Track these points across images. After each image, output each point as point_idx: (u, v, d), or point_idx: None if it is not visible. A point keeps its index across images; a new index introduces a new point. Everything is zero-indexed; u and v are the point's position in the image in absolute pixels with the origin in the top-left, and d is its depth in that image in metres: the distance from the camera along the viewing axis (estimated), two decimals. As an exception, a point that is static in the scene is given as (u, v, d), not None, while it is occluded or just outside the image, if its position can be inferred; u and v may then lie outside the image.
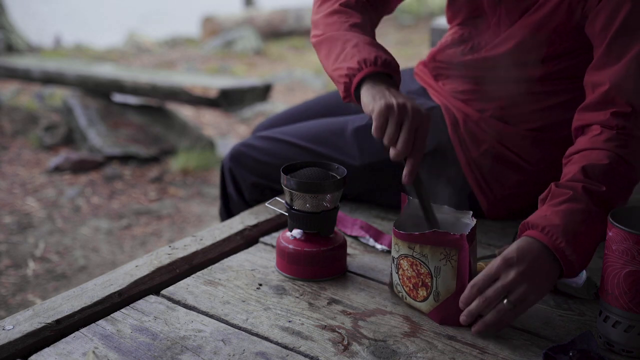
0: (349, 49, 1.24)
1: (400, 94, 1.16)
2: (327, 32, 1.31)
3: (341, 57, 1.24)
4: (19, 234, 2.90)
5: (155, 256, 1.23)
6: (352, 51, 1.23)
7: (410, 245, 1.05)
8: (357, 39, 1.25)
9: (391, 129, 1.12)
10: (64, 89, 4.52)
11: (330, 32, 1.30)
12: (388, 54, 1.23)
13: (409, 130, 1.11)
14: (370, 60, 1.19)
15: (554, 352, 0.96)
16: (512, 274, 0.99)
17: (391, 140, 1.12)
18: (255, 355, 0.96)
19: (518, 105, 1.36)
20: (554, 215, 1.03)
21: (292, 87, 5.84)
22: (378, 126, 1.13)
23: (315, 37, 1.34)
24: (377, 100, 1.14)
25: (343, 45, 1.25)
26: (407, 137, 1.11)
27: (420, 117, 1.13)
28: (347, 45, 1.25)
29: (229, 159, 1.55)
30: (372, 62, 1.19)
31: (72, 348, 0.97)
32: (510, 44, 1.31)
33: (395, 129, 1.12)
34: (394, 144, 1.12)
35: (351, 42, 1.25)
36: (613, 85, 1.13)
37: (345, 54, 1.24)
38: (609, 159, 1.09)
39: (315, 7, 1.40)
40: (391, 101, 1.12)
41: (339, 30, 1.29)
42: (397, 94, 1.16)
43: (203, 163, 3.75)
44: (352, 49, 1.23)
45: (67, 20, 9.67)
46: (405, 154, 1.12)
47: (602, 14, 1.17)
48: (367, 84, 1.19)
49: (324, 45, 1.31)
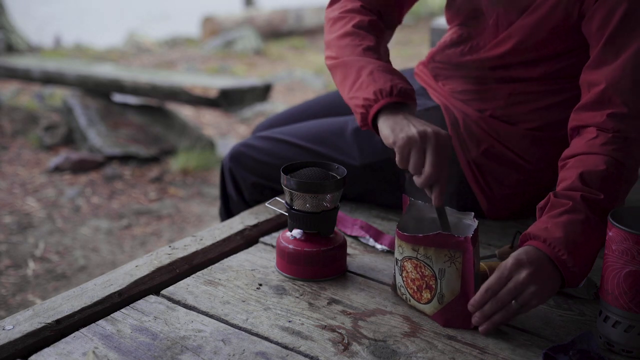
0: (364, 77, 1.22)
1: (418, 121, 1.16)
2: (341, 56, 1.29)
3: (356, 86, 1.23)
4: (19, 234, 2.90)
5: (155, 256, 1.23)
6: (368, 80, 1.21)
7: (414, 247, 1.05)
8: (371, 65, 1.24)
9: (415, 158, 1.11)
10: (64, 89, 4.52)
11: (344, 56, 1.29)
12: (402, 80, 1.22)
13: (434, 155, 1.11)
14: (387, 91, 1.18)
15: (554, 352, 0.96)
16: (523, 274, 1.00)
17: (417, 169, 1.12)
18: (255, 355, 0.96)
19: (517, 104, 1.36)
20: (555, 227, 1.03)
21: (292, 87, 5.84)
22: (402, 158, 1.13)
23: (329, 59, 1.33)
24: (397, 132, 1.14)
25: (358, 72, 1.24)
26: (433, 161, 1.10)
27: (442, 139, 1.12)
28: (362, 72, 1.23)
29: (229, 159, 1.55)
30: (388, 93, 1.18)
31: (72, 348, 0.97)
32: (509, 45, 1.31)
33: (419, 158, 1.11)
34: (419, 172, 1.12)
35: (366, 69, 1.24)
36: (609, 85, 1.13)
37: (360, 82, 1.23)
38: (606, 164, 1.09)
39: (328, 27, 1.38)
40: (412, 131, 1.12)
41: (353, 55, 1.28)
42: (416, 121, 1.15)
43: (203, 163, 3.75)
44: (367, 78, 1.22)
45: (67, 20, 9.68)
46: (434, 177, 1.11)
47: (598, 13, 1.17)
48: (384, 115, 1.18)
49: (339, 71, 1.30)
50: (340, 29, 1.34)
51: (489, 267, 1.15)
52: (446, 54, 1.45)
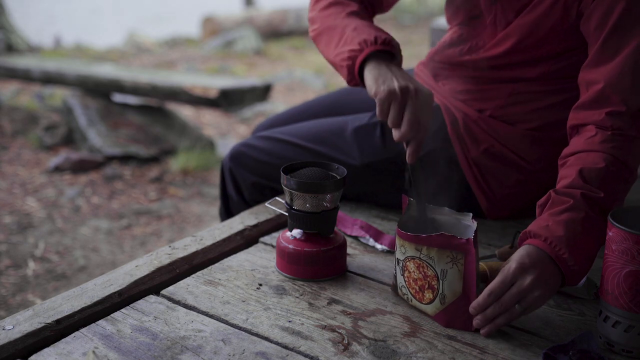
0: (348, 32, 1.25)
1: (403, 74, 1.17)
2: (326, 23, 1.32)
3: (342, 42, 1.25)
4: (19, 234, 2.90)
5: (155, 256, 1.23)
6: (352, 34, 1.24)
7: (417, 247, 1.05)
8: (355, 23, 1.27)
9: (394, 112, 1.13)
10: (64, 89, 4.52)
11: (329, 22, 1.31)
12: (388, 34, 1.23)
13: (412, 112, 1.12)
14: (371, 40, 1.20)
15: (554, 352, 0.96)
16: (528, 280, 1.00)
17: (394, 123, 1.14)
18: (255, 355, 0.96)
19: (517, 104, 1.36)
20: (556, 225, 1.03)
21: (292, 87, 5.84)
22: (381, 110, 1.15)
23: (313, 31, 1.36)
24: (379, 83, 1.15)
25: (342, 30, 1.27)
26: (410, 119, 1.12)
27: (424, 97, 1.14)
28: (347, 29, 1.26)
29: (229, 159, 1.55)
30: (373, 42, 1.20)
31: (72, 348, 0.97)
32: (508, 44, 1.31)
33: (398, 112, 1.13)
34: (397, 126, 1.14)
35: (350, 26, 1.26)
36: (607, 83, 1.13)
37: (345, 38, 1.25)
38: (605, 162, 1.09)
39: (312, 5, 1.41)
40: (393, 85, 1.13)
41: (337, 19, 1.30)
42: (400, 74, 1.17)
43: (203, 163, 3.75)
44: (351, 32, 1.24)
45: (67, 20, 9.67)
46: (410, 134, 1.13)
47: (596, 12, 1.17)
48: (370, 65, 1.20)
49: (324, 36, 1.32)
50: (323, 3, 1.36)
51: (489, 267, 1.15)
52: (446, 53, 1.45)
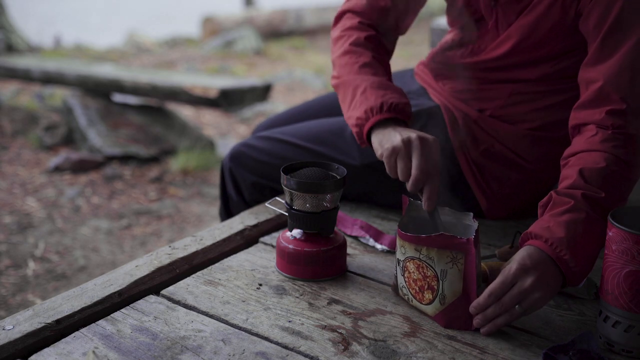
0: (358, 96, 1.27)
1: (406, 130, 1.18)
2: (341, 76, 1.34)
3: (352, 105, 1.27)
4: (19, 234, 2.90)
5: (155, 256, 1.23)
6: (361, 99, 1.25)
7: (417, 247, 1.05)
8: (365, 83, 1.28)
9: (401, 165, 1.15)
10: (64, 89, 4.52)
11: (343, 75, 1.33)
12: (395, 95, 1.24)
13: (419, 159, 1.13)
14: (377, 108, 1.22)
15: (554, 352, 0.96)
16: (529, 281, 1.00)
17: (405, 175, 1.15)
18: (255, 355, 0.96)
19: (517, 105, 1.37)
20: (557, 226, 1.03)
21: (292, 87, 5.84)
22: (390, 168, 1.17)
23: (333, 78, 1.38)
24: (383, 143, 1.18)
25: (353, 92, 1.28)
26: (418, 164, 1.13)
27: (427, 143, 1.15)
28: (357, 92, 1.27)
29: (228, 159, 1.55)
30: (378, 110, 1.22)
31: (72, 348, 0.97)
32: (509, 45, 1.31)
33: (405, 164, 1.14)
34: (408, 178, 1.15)
35: (360, 88, 1.28)
36: (607, 81, 1.13)
37: (355, 102, 1.27)
38: (606, 161, 1.09)
39: (332, 47, 1.43)
40: (396, 140, 1.15)
41: (350, 74, 1.32)
42: (404, 130, 1.18)
43: (203, 163, 3.75)
44: (360, 97, 1.26)
45: (67, 20, 9.67)
46: (422, 180, 1.13)
47: (595, 11, 1.17)
48: (376, 131, 1.22)
49: (340, 91, 1.34)
50: (340, 47, 1.38)
51: (489, 267, 1.15)
52: (447, 55, 1.45)
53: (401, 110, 1.23)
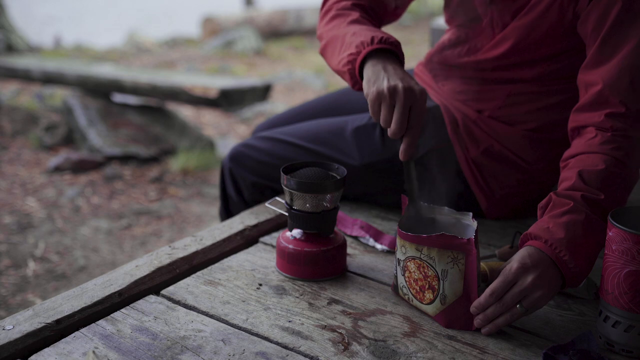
0: (347, 38, 1.26)
1: (396, 73, 1.17)
2: (329, 36, 1.33)
3: (342, 49, 1.26)
4: (19, 234, 2.90)
5: (155, 256, 1.23)
6: (351, 39, 1.25)
7: (418, 247, 1.05)
8: (355, 28, 1.28)
9: (384, 112, 1.14)
10: (64, 89, 4.52)
11: (331, 34, 1.32)
12: (386, 34, 1.24)
13: (401, 111, 1.13)
14: (367, 42, 1.21)
15: (554, 352, 0.96)
16: (529, 279, 1.00)
17: (386, 123, 1.15)
18: (255, 355, 0.96)
19: (515, 105, 1.37)
20: (556, 227, 1.03)
21: (292, 87, 5.84)
22: (372, 112, 1.16)
23: (321, 46, 1.37)
24: (370, 84, 1.17)
25: (343, 38, 1.28)
26: (399, 117, 1.13)
27: (413, 95, 1.14)
28: (346, 37, 1.27)
29: (228, 160, 1.55)
30: (369, 42, 1.21)
31: (72, 348, 0.97)
32: (506, 46, 1.31)
33: (387, 113, 1.14)
34: (388, 125, 1.15)
35: (349, 32, 1.27)
36: (606, 84, 1.13)
37: (345, 44, 1.26)
38: (606, 163, 1.09)
39: (318, 23, 1.43)
40: (382, 85, 1.14)
41: (339, 29, 1.31)
42: (394, 72, 1.17)
43: (203, 163, 3.75)
44: (350, 37, 1.25)
45: (67, 20, 9.68)
46: (399, 133, 1.14)
47: (593, 13, 1.17)
48: (367, 65, 1.20)
49: (328, 48, 1.33)
50: (327, 18, 1.38)
51: (489, 267, 1.15)
52: (444, 55, 1.45)
53: (393, 42, 1.22)
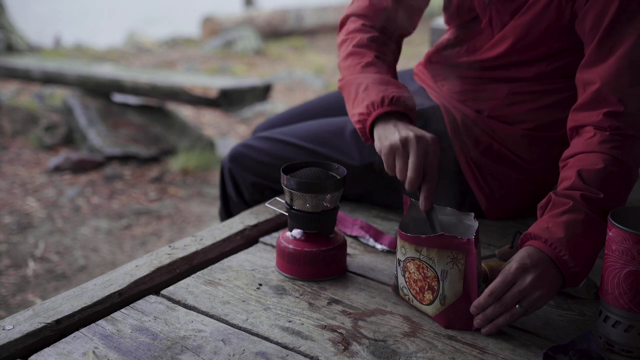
0: (360, 93, 1.26)
1: (406, 128, 1.18)
2: (345, 77, 1.34)
3: (355, 103, 1.27)
4: (19, 234, 2.90)
5: (155, 256, 1.23)
6: (362, 96, 1.25)
7: (417, 248, 1.05)
8: (367, 80, 1.27)
9: (399, 164, 1.15)
10: (64, 89, 4.52)
11: (347, 77, 1.33)
12: (397, 89, 1.24)
13: (415, 158, 1.14)
14: (377, 103, 1.22)
15: (554, 352, 0.96)
16: (528, 279, 1.00)
17: (402, 174, 1.15)
18: (255, 355, 0.96)
19: (514, 105, 1.37)
20: (556, 227, 1.03)
21: (292, 87, 5.84)
22: (388, 166, 1.17)
23: (339, 81, 1.37)
24: (382, 140, 1.18)
25: (356, 90, 1.28)
26: (414, 165, 1.14)
27: (425, 142, 1.15)
28: (359, 89, 1.27)
29: (228, 160, 1.55)
30: (379, 104, 1.22)
31: (72, 348, 0.97)
32: (505, 45, 1.31)
33: (403, 163, 1.15)
34: (405, 177, 1.15)
35: (362, 85, 1.27)
36: (604, 83, 1.13)
37: (357, 99, 1.27)
38: (604, 162, 1.09)
39: (338, 51, 1.43)
40: (394, 138, 1.16)
41: (353, 74, 1.32)
42: (404, 127, 1.18)
43: (203, 163, 3.75)
44: (362, 94, 1.26)
45: (67, 20, 9.67)
46: (417, 180, 1.14)
47: (590, 12, 1.17)
48: (378, 126, 1.22)
49: (345, 92, 1.34)
50: (344, 51, 1.38)
51: (489, 267, 1.15)
52: (443, 55, 1.45)
53: (403, 103, 1.22)
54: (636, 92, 1.13)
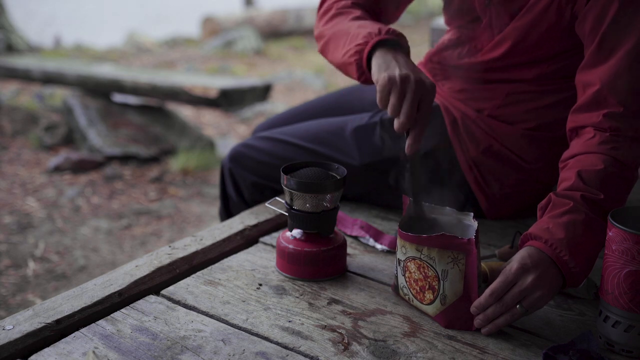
0: (353, 30, 1.25)
1: (406, 64, 1.16)
2: (331, 32, 1.32)
3: (349, 41, 1.25)
4: (19, 234, 2.90)
5: (155, 256, 1.23)
6: (357, 31, 1.24)
7: (418, 247, 1.05)
8: (359, 22, 1.27)
9: (393, 100, 1.13)
10: (64, 89, 4.52)
11: (333, 30, 1.32)
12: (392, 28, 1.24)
13: (411, 102, 1.12)
14: (375, 32, 1.21)
15: (554, 352, 0.96)
16: (529, 279, 1.00)
17: (394, 111, 1.13)
18: (255, 355, 0.96)
19: (514, 104, 1.37)
20: (556, 227, 1.04)
21: (292, 87, 5.84)
22: (381, 98, 1.14)
23: (321, 44, 1.36)
24: (381, 71, 1.15)
25: (347, 31, 1.27)
26: (409, 108, 1.12)
27: (424, 88, 1.13)
28: (352, 29, 1.26)
29: (228, 160, 1.55)
30: (377, 33, 1.21)
31: (72, 348, 0.97)
32: (505, 47, 1.32)
33: (397, 101, 1.12)
34: (397, 115, 1.13)
35: (354, 26, 1.27)
36: (604, 85, 1.13)
37: (351, 36, 1.25)
38: (604, 163, 1.09)
39: (316, 23, 1.42)
40: (394, 73, 1.13)
41: (342, 25, 1.31)
42: (404, 63, 1.16)
43: (203, 163, 3.75)
44: (357, 29, 1.25)
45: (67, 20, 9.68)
46: (408, 125, 1.12)
47: (590, 14, 1.17)
48: (376, 55, 1.19)
49: (330, 44, 1.32)
50: (327, 15, 1.37)
51: (489, 267, 1.15)
52: (444, 55, 1.45)
53: (399, 34, 1.22)
54: (636, 94, 1.13)
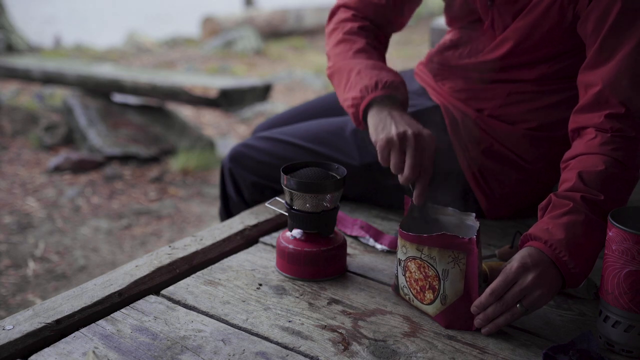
0: (352, 78, 1.28)
1: (403, 119, 1.19)
2: (336, 64, 1.35)
3: (347, 88, 1.28)
4: (19, 234, 2.90)
5: (155, 256, 1.23)
6: (355, 80, 1.27)
7: (418, 247, 1.05)
8: (360, 65, 1.29)
9: (395, 159, 1.17)
10: (64, 89, 4.52)
11: (338, 63, 1.34)
12: (389, 74, 1.26)
13: (412, 158, 1.16)
14: (371, 86, 1.23)
15: (554, 352, 0.96)
16: (529, 278, 1.00)
17: (397, 169, 1.18)
18: (255, 355, 0.96)
19: (515, 104, 1.37)
20: (556, 228, 1.04)
21: (292, 87, 5.84)
22: (382, 158, 1.19)
23: (328, 69, 1.39)
24: (378, 131, 1.19)
25: (348, 75, 1.30)
26: (411, 163, 1.16)
27: (423, 141, 1.17)
28: (351, 74, 1.29)
29: (228, 160, 1.55)
30: (373, 88, 1.23)
31: (72, 348, 0.97)
32: (506, 47, 1.32)
33: (398, 159, 1.17)
34: (400, 171, 1.17)
35: (354, 70, 1.29)
36: (605, 85, 1.13)
37: (350, 84, 1.28)
38: (605, 164, 1.09)
39: (326, 40, 1.45)
40: (390, 133, 1.17)
41: (344, 60, 1.33)
42: (399, 119, 1.19)
43: (203, 163, 3.75)
44: (355, 78, 1.27)
45: (67, 20, 9.68)
46: (413, 178, 1.16)
47: (593, 14, 1.17)
48: (372, 111, 1.23)
49: (335, 78, 1.35)
50: (334, 38, 1.40)
51: (489, 267, 1.15)
52: (445, 56, 1.45)
53: (396, 87, 1.24)
54: (638, 94, 1.13)
